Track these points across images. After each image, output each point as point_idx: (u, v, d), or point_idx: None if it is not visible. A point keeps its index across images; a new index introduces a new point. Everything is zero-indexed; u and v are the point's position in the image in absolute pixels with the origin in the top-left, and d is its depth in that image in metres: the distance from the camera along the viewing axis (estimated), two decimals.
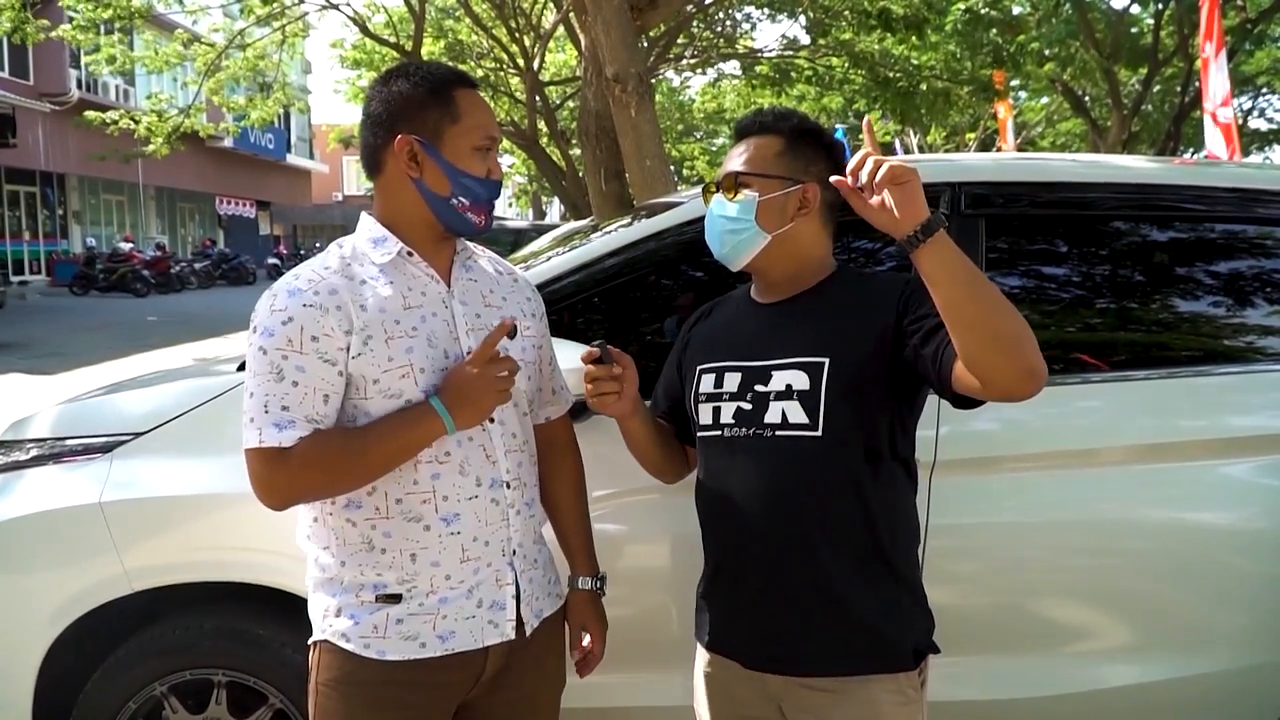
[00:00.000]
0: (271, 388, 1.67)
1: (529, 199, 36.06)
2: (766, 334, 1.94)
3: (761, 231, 1.90)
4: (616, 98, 6.29)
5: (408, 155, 1.76)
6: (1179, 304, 2.72)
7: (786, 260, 1.94)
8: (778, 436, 1.86)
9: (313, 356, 1.68)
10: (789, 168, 1.92)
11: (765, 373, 1.90)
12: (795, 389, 1.85)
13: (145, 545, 2.46)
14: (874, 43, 15.05)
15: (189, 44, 15.05)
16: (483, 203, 1.79)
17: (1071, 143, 27.21)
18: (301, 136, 44.14)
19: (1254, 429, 2.51)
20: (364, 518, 1.75)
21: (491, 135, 1.80)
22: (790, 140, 1.94)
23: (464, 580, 1.77)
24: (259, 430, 1.67)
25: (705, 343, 2.06)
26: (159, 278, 25.82)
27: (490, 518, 1.79)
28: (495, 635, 1.81)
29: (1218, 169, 3.40)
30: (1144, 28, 19.44)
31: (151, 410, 2.54)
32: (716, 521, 1.97)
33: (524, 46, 14.70)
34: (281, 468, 1.67)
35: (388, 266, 1.78)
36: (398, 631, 1.75)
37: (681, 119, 28.77)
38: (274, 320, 1.69)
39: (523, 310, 1.94)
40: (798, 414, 1.84)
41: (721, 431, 1.93)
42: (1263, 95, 24.89)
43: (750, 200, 1.90)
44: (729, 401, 1.93)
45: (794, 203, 1.92)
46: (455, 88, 1.79)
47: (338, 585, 1.79)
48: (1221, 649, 2.47)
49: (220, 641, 2.46)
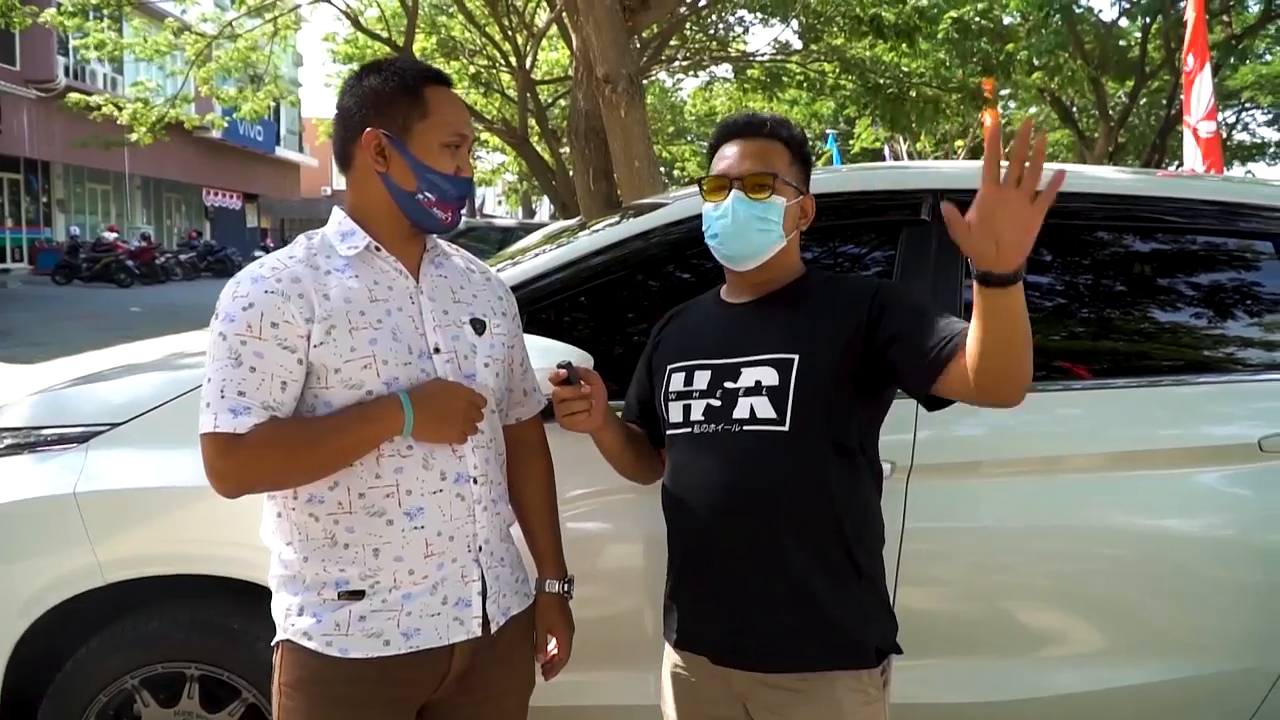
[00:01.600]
0: (229, 373, 1.66)
1: (519, 197, 36.03)
2: (738, 332, 1.96)
3: (783, 236, 1.95)
4: (606, 98, 6.30)
5: (375, 150, 1.76)
6: (1159, 314, 2.73)
7: (779, 264, 1.98)
8: (745, 431, 1.87)
9: (272, 343, 1.67)
10: (797, 177, 1.99)
11: (735, 369, 1.91)
12: (764, 385, 1.87)
13: (119, 537, 2.44)
14: (865, 49, 15.12)
15: (179, 33, 14.97)
16: (450, 200, 1.78)
17: (1059, 152, 27.36)
18: (291, 129, 43.95)
19: (1229, 438, 2.53)
20: (326, 512, 1.74)
21: (460, 133, 1.79)
22: (794, 151, 2.00)
23: (428, 576, 1.76)
24: (214, 415, 1.66)
25: (675, 343, 2.07)
26: (143, 268, 25.65)
27: (455, 513, 1.78)
28: (461, 632, 1.79)
29: (1199, 182, 3.42)
30: (1132, 40, 19.58)
31: (128, 401, 2.52)
32: (683, 517, 1.96)
33: (516, 45, 14.70)
34: (234, 454, 1.65)
35: (354, 259, 1.77)
36: (361, 629, 1.73)
37: (673, 121, 28.83)
38: (235, 306, 1.69)
39: (493, 308, 1.92)
40: (766, 409, 1.86)
41: (691, 429, 1.94)
42: (1246, 109, 25.08)
43: (780, 203, 1.94)
44: (699, 399, 1.94)
45: (798, 212, 1.99)
46: (426, 84, 1.78)
47: (300, 583, 1.77)
48: (1194, 655, 2.49)
49: (193, 634, 2.44)
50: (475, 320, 1.86)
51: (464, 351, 1.82)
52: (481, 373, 1.84)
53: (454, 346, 1.81)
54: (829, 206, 2.21)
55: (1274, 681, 2.47)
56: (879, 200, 2.69)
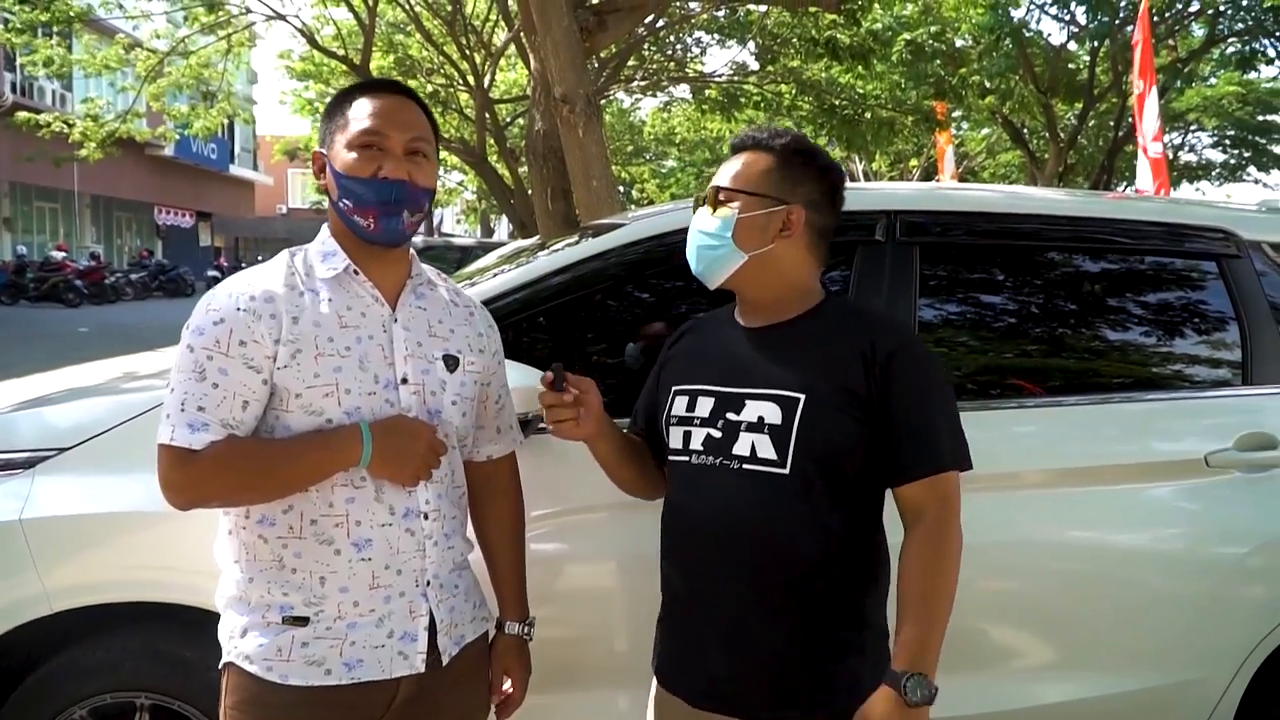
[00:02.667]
0: (192, 386, 1.65)
1: (477, 216, 35.93)
2: (745, 360, 1.86)
3: (737, 250, 1.84)
4: (564, 118, 6.30)
5: (318, 168, 1.78)
6: (1110, 333, 2.78)
7: (765, 283, 1.87)
8: (744, 469, 1.79)
9: (238, 361, 1.66)
10: (775, 187, 1.85)
11: (739, 400, 1.82)
12: (767, 422, 1.78)
13: (67, 564, 2.38)
14: (821, 71, 15.27)
15: (130, 49, 14.80)
16: (366, 204, 1.71)
17: (1011, 173, 27.80)
18: (245, 147, 43.54)
19: (1177, 454, 2.58)
20: (276, 535, 1.72)
21: (374, 130, 1.71)
22: (781, 159, 1.87)
23: (374, 609, 1.74)
24: (172, 428, 1.65)
25: (684, 362, 1.98)
26: (92, 288, 25.24)
27: (403, 547, 1.75)
28: (404, 667, 1.76)
29: (1147, 203, 3.49)
30: (1080, 64, 19.97)
31: (75, 425, 2.47)
32: (677, 551, 1.89)
33: (474, 64, 14.68)
34: (187, 468, 1.64)
35: (332, 282, 1.76)
36: (302, 655, 1.71)
37: (631, 140, 28.90)
38: (206, 319, 1.68)
39: (470, 344, 1.89)
40: (767, 449, 1.77)
41: (689, 458, 1.86)
42: (1192, 131, 25.65)
43: (729, 217, 1.84)
44: (699, 427, 1.85)
45: (776, 223, 1.84)
46: (361, 94, 1.78)
47: (245, 604, 1.75)
48: (1144, 668, 2.52)
49: (143, 663, 2.39)
50: (448, 356, 1.84)
51: (432, 386, 1.80)
52: (448, 409, 1.82)
53: (423, 380, 1.79)
54: None
55: (1224, 692, 2.51)
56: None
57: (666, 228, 2.65)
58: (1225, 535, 2.54)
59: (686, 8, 13.78)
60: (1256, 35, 16.99)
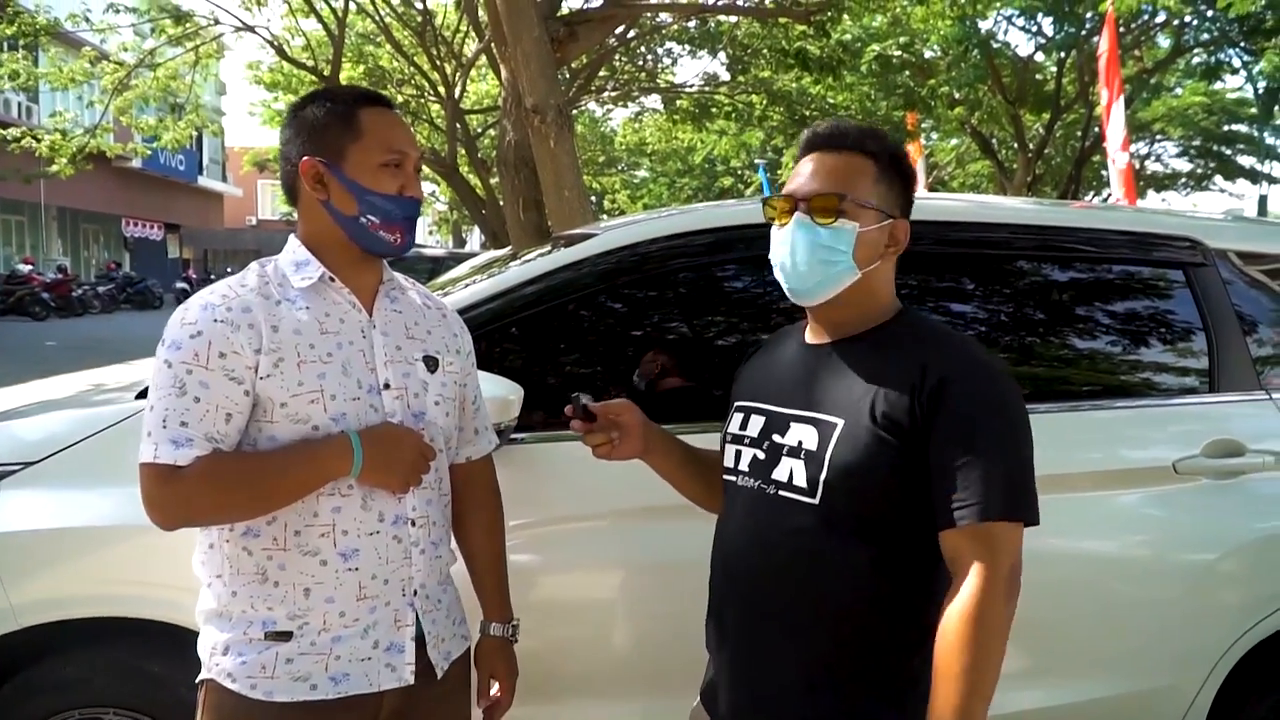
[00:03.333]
0: (173, 403, 1.62)
1: (449, 227, 35.85)
2: (800, 379, 1.73)
3: (854, 267, 1.67)
4: (536, 129, 6.32)
5: (313, 177, 1.74)
6: (1078, 341, 2.80)
7: (859, 301, 1.70)
8: (780, 496, 1.66)
9: (219, 373, 1.64)
10: (884, 198, 1.70)
11: (785, 422, 1.70)
12: (804, 447, 1.65)
13: (34, 579, 2.35)
14: (791, 82, 15.38)
15: (96, 62, 14.68)
16: (396, 220, 1.74)
17: (980, 183, 28.08)
18: (214, 158, 43.27)
19: (1145, 461, 2.60)
20: (260, 547, 1.70)
21: (399, 149, 1.75)
22: (883, 167, 1.71)
23: (359, 619, 1.72)
24: (155, 446, 1.61)
25: (749, 379, 1.88)
26: (59, 301, 24.96)
27: (391, 555, 1.74)
28: (392, 679, 1.74)
29: (1114, 212, 3.53)
30: (1047, 75, 20.24)
31: (43, 439, 2.44)
32: (717, 571, 1.81)
33: (445, 74, 14.68)
34: (172, 486, 1.61)
35: (308, 290, 1.75)
36: (287, 672, 1.69)
37: (604, 151, 28.97)
38: (183, 334, 1.65)
39: (447, 345, 1.89)
40: (800, 476, 1.64)
41: (736, 478, 1.77)
42: (1158, 141, 26.01)
43: (850, 230, 1.66)
44: (748, 446, 1.75)
45: (884, 238, 1.70)
46: (360, 106, 1.76)
47: (226, 619, 1.73)
48: (1115, 675, 2.54)
49: (113, 679, 2.36)
50: (428, 358, 1.84)
51: (414, 389, 1.80)
52: (432, 410, 1.82)
53: (405, 383, 1.78)
54: (758, 236, 2.23)
55: (1194, 697, 2.54)
56: None
57: (639, 237, 2.66)
58: (1194, 542, 2.56)
59: (657, 19, 13.83)
60: (1221, 46, 17.29)
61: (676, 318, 2.90)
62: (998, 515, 1.52)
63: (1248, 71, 18.30)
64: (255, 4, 14.37)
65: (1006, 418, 1.59)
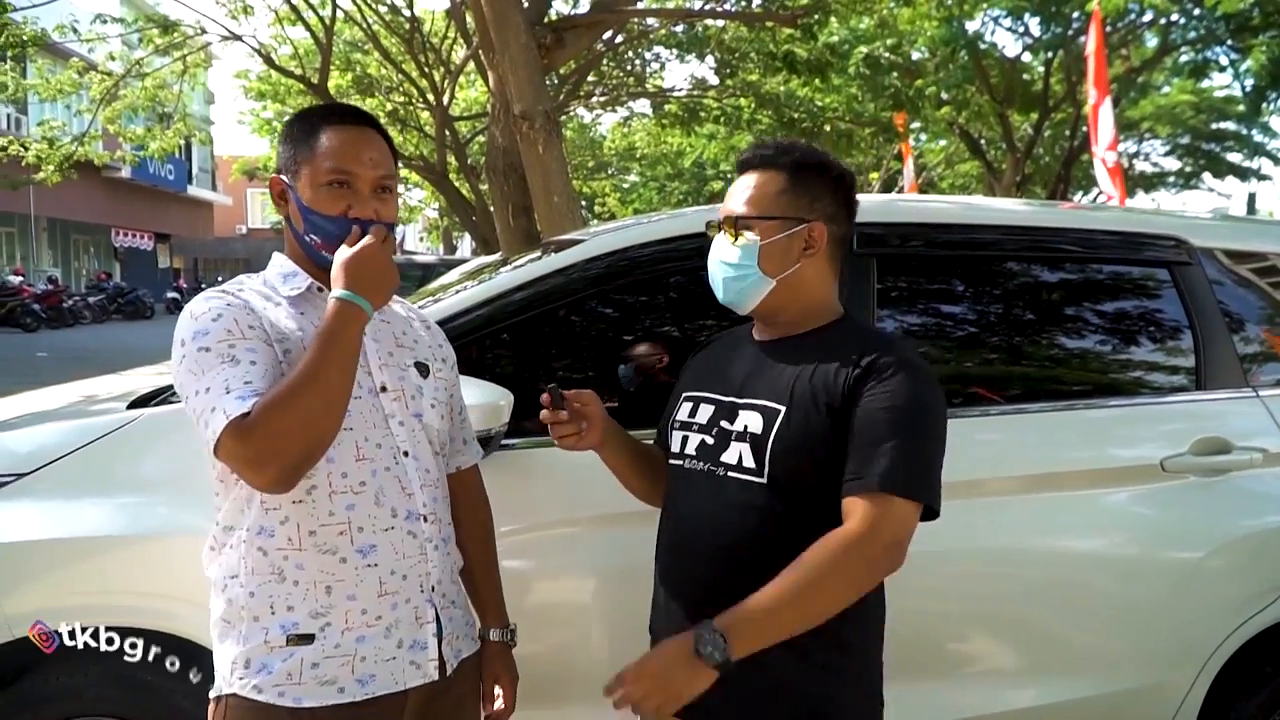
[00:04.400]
0: (228, 372, 1.59)
1: (440, 233, 35.82)
2: (747, 371, 1.87)
3: (765, 277, 1.81)
4: (524, 135, 6.32)
5: (277, 194, 1.77)
6: (1068, 340, 2.82)
7: (793, 303, 1.85)
8: (729, 477, 1.80)
9: (256, 340, 1.64)
10: (791, 206, 1.82)
11: (733, 410, 1.84)
12: (750, 431, 1.79)
13: (27, 590, 2.35)
14: (779, 84, 15.41)
15: (84, 72, 14.65)
16: (334, 240, 1.71)
17: (969, 184, 28.15)
18: (203, 167, 43.16)
19: (1134, 459, 2.61)
20: (275, 547, 1.69)
21: (344, 170, 1.71)
22: (793, 175, 1.83)
23: (381, 616, 1.72)
24: (223, 411, 1.55)
25: (697, 372, 2.01)
26: (50, 312, 24.85)
27: (408, 550, 1.75)
28: (417, 676, 1.75)
29: (1100, 212, 3.55)
30: (1035, 75, 20.30)
31: (35, 450, 2.44)
32: (663, 553, 1.91)
33: (434, 81, 14.66)
34: (251, 434, 1.54)
35: (298, 299, 1.76)
36: (314, 676, 1.68)
37: (593, 155, 28.97)
38: (204, 321, 1.64)
39: (433, 354, 1.92)
40: (749, 458, 1.78)
41: (684, 462, 1.89)
42: (1146, 140, 26.09)
43: (752, 244, 1.81)
44: (696, 433, 1.88)
45: (799, 243, 1.82)
46: (325, 124, 1.75)
47: (242, 628, 1.70)
48: (1107, 673, 2.55)
49: (107, 688, 2.36)
50: (419, 364, 1.86)
51: (410, 391, 1.82)
52: (428, 413, 1.84)
53: (401, 386, 1.80)
54: None
55: (1186, 694, 2.55)
56: None
57: (628, 242, 2.67)
58: (1183, 540, 2.58)
59: (644, 24, 13.85)
60: (1209, 44, 17.36)
61: (667, 322, 2.92)
62: (897, 490, 1.65)
63: (1235, 69, 18.38)
64: (242, 13, 14.35)
65: (925, 411, 1.72)
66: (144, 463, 2.44)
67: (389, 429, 1.76)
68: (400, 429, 1.78)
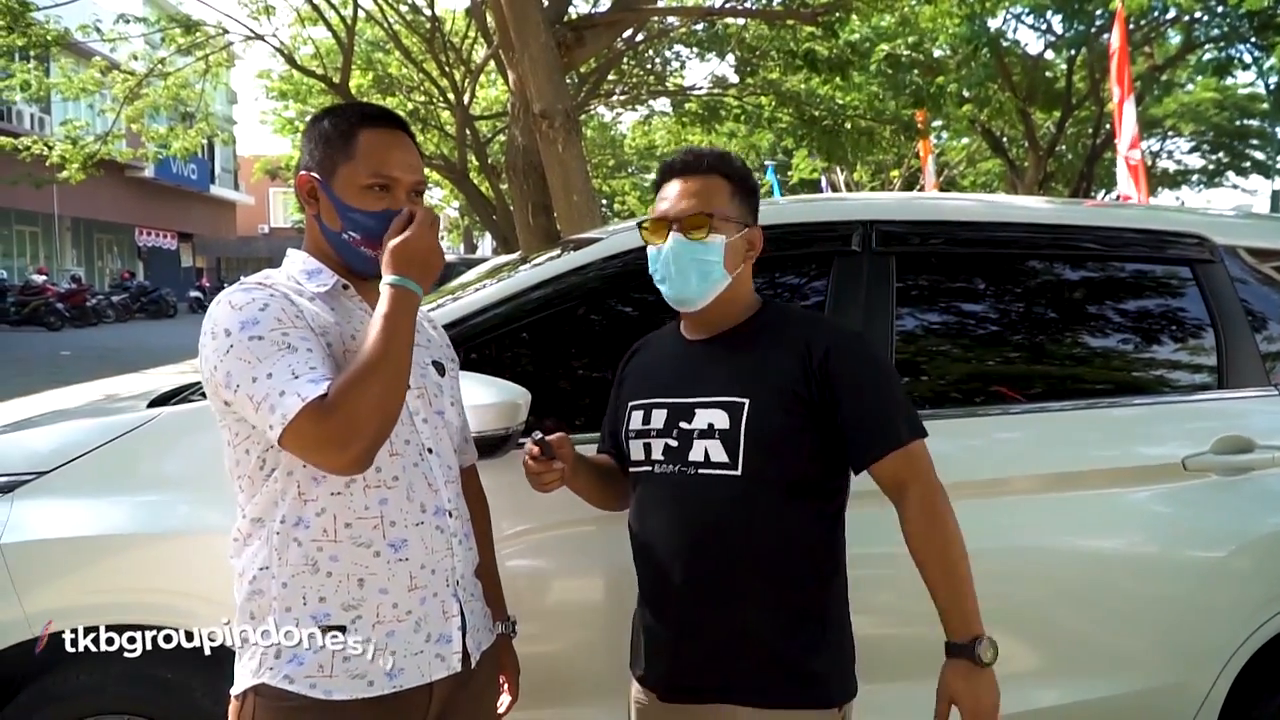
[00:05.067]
0: (290, 359, 1.60)
1: (460, 232, 35.94)
2: (692, 371, 1.98)
3: (726, 274, 1.94)
4: (544, 134, 6.33)
5: (306, 192, 1.78)
6: (1090, 339, 2.80)
7: (730, 301, 1.97)
8: (700, 474, 1.90)
9: (305, 329, 1.65)
10: (739, 211, 1.97)
11: (689, 410, 1.93)
12: (716, 428, 1.89)
13: (47, 588, 2.37)
14: (800, 82, 15.38)
15: (106, 71, 14.78)
16: (376, 237, 1.74)
17: (991, 182, 28.01)
18: (226, 167, 43.46)
19: (1156, 458, 2.59)
20: (310, 538, 1.69)
21: (386, 175, 1.75)
22: (735, 184, 1.98)
23: (411, 611, 1.74)
24: (297, 394, 1.56)
25: (636, 379, 2.09)
26: (74, 311, 25.09)
27: (436, 545, 1.77)
28: (442, 669, 1.77)
29: (1122, 210, 3.52)
30: (1058, 72, 20.17)
31: (56, 448, 2.46)
32: (645, 554, 1.99)
33: (454, 81, 14.71)
34: (330, 415, 1.56)
35: (326, 296, 1.77)
36: (345, 670, 1.69)
37: (613, 154, 28.99)
38: (250, 311, 1.64)
39: (444, 355, 1.96)
40: (719, 453, 1.88)
41: (652, 468, 1.97)
42: (1170, 138, 25.89)
43: (719, 241, 1.92)
44: (657, 438, 1.96)
45: (744, 246, 1.97)
46: (362, 126, 1.78)
47: (273, 619, 1.70)
48: (1129, 673, 2.54)
49: (127, 686, 2.37)
50: (436, 363, 1.90)
51: (432, 389, 1.84)
52: (448, 410, 1.88)
53: (423, 384, 1.83)
54: (768, 238, 2.23)
55: (1207, 694, 2.53)
56: (812, 232, 2.73)
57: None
58: (1205, 539, 2.55)
59: (665, 22, 13.84)
60: (1232, 41, 17.19)
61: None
62: (909, 438, 1.88)
63: (1259, 67, 18.22)
64: (263, 13, 14.45)
65: (882, 368, 1.97)
66: (164, 461, 2.46)
67: (414, 426, 1.79)
68: (425, 426, 1.80)
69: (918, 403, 2.62)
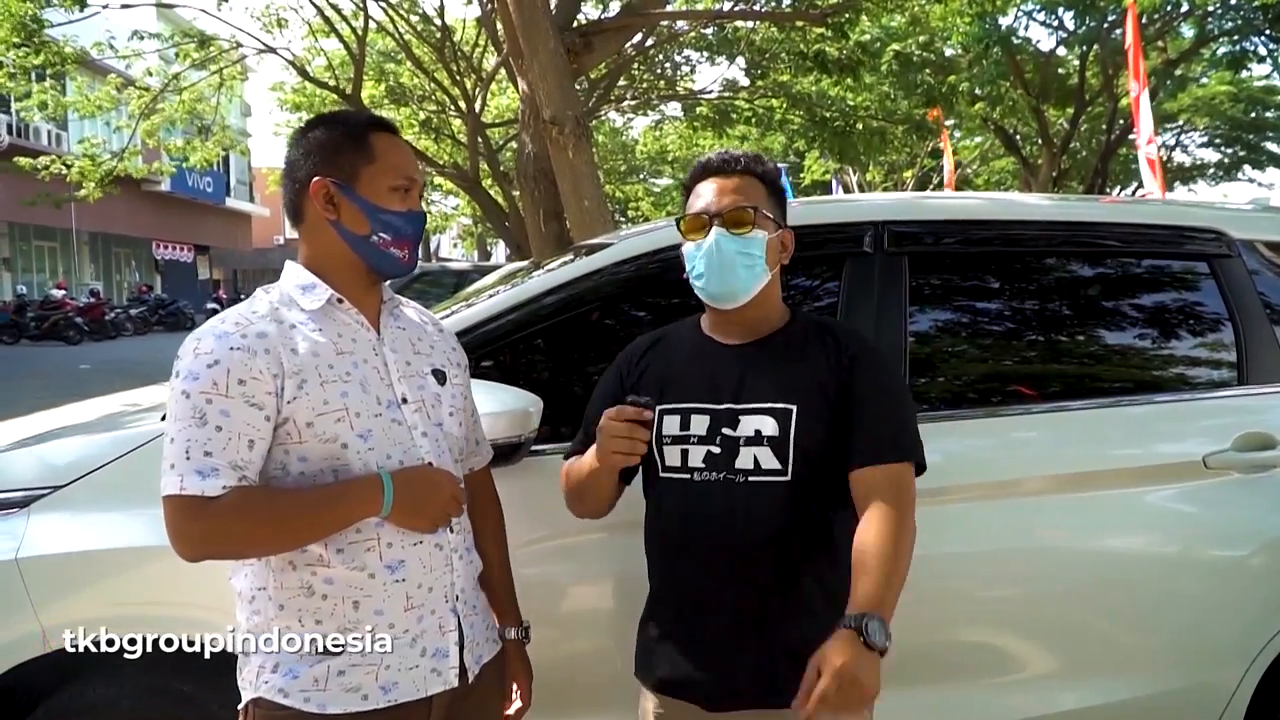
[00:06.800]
0: (194, 433, 1.62)
1: (474, 240, 36.02)
2: (733, 377, 1.95)
3: (768, 270, 1.96)
4: (554, 140, 6.33)
5: (324, 198, 1.76)
6: (1108, 336, 2.77)
7: (766, 301, 1.98)
8: (749, 482, 1.89)
9: (239, 400, 1.64)
10: (775, 212, 1.99)
11: (734, 417, 1.91)
12: (765, 435, 1.88)
13: (63, 602, 2.37)
14: (811, 84, 15.35)
15: (122, 88, 14.88)
16: (405, 237, 1.78)
17: (1005, 179, 27.89)
18: (241, 179, 43.69)
19: (1177, 456, 2.56)
20: (305, 563, 1.71)
21: (409, 176, 1.80)
22: (770, 186, 2.00)
23: (408, 629, 1.74)
24: (180, 477, 1.61)
25: (662, 381, 2.02)
26: (93, 325, 25.28)
27: (434, 563, 1.77)
28: (439, 683, 1.77)
29: (1137, 206, 3.49)
30: (1070, 69, 20.06)
31: (71, 462, 2.46)
32: (679, 563, 1.95)
33: (465, 89, 14.75)
34: (200, 518, 1.60)
35: (317, 313, 1.76)
36: (339, 683, 1.70)
37: (625, 159, 29.00)
38: (199, 364, 1.65)
39: (449, 359, 1.94)
40: (769, 459, 1.88)
41: (690, 475, 1.93)
42: (1184, 132, 25.72)
43: (762, 237, 1.94)
44: (697, 444, 1.93)
45: (779, 246, 1.99)
46: (371, 131, 1.80)
47: (270, 637, 1.73)
48: (1151, 673, 2.51)
49: (142, 699, 2.37)
50: (436, 371, 1.88)
51: (430, 401, 1.83)
52: (447, 421, 1.86)
53: (421, 396, 1.82)
54: None
55: (1232, 694, 2.49)
56: (823, 233, 2.72)
57: (657, 244, 2.65)
58: (1227, 537, 2.52)
59: (674, 26, 13.84)
60: (1246, 34, 17.07)
61: None
62: (909, 458, 1.88)
63: (1273, 59, 18.07)
64: (276, 26, 14.54)
65: (901, 386, 2.03)
66: None
67: (413, 441, 1.78)
68: (424, 440, 1.79)
69: (934, 404, 2.61)
